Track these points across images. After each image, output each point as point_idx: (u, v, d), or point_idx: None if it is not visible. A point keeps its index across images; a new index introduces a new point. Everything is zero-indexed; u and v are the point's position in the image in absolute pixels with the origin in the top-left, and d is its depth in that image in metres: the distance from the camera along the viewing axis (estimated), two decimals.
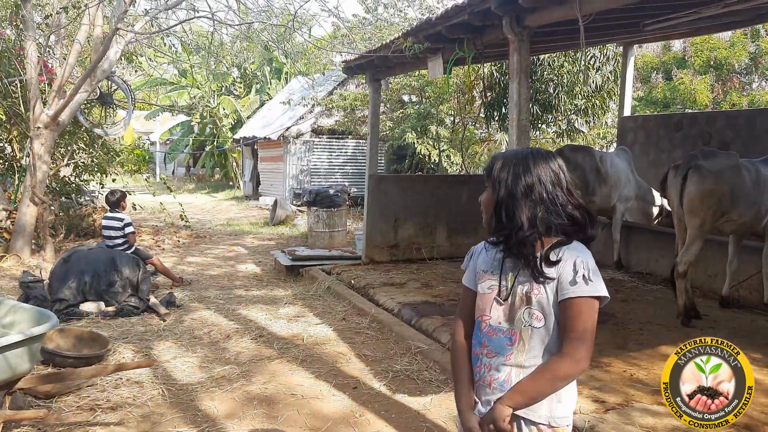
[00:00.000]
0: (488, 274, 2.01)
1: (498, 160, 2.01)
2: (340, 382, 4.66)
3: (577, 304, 1.84)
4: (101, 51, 9.08)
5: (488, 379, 1.97)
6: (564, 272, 1.86)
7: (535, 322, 1.90)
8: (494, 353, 1.95)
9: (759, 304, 6.22)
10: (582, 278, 1.84)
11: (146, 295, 6.79)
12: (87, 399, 4.26)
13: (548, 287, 1.88)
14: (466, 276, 2.14)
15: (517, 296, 1.92)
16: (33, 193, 9.45)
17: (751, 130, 8.33)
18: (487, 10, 5.41)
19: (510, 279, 1.96)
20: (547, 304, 1.89)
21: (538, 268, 1.88)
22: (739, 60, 19.03)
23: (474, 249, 2.15)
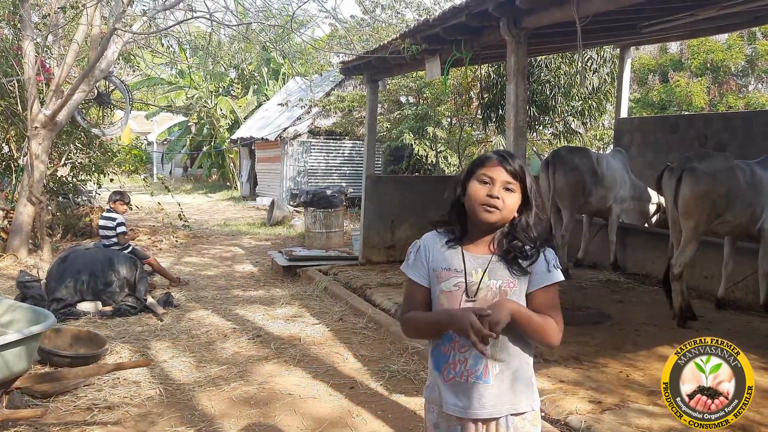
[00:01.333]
0: (451, 272, 2.04)
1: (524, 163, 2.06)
2: (337, 383, 4.67)
3: (553, 289, 2.03)
4: (99, 51, 9.07)
5: (465, 374, 2.01)
6: (539, 265, 2.02)
7: None
8: (468, 346, 1.96)
9: (755, 305, 6.24)
10: (553, 267, 2.03)
11: (143, 294, 6.78)
12: (84, 398, 4.26)
13: (522, 281, 2.01)
14: (414, 272, 2.13)
15: (489, 291, 2.00)
16: (30, 192, 9.44)
17: (748, 133, 8.37)
18: (484, 12, 5.42)
19: (477, 274, 2.01)
20: (522, 297, 2.01)
21: (520, 266, 2.00)
22: (735, 62, 19.09)
23: (420, 245, 2.16)
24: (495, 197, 1.98)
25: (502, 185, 1.99)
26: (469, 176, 2.06)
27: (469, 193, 2.03)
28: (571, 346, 5.01)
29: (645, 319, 6.00)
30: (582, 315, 6.13)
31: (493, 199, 1.98)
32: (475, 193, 2.01)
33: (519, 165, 2.02)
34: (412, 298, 2.14)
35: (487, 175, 2.01)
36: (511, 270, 2.00)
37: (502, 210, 1.98)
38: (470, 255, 2.05)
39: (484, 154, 2.11)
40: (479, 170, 2.04)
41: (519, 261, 2.00)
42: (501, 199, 1.98)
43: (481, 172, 2.03)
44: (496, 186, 1.99)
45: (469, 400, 2.01)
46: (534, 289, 2.02)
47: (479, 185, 2.01)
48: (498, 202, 1.97)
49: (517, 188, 2.01)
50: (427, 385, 2.17)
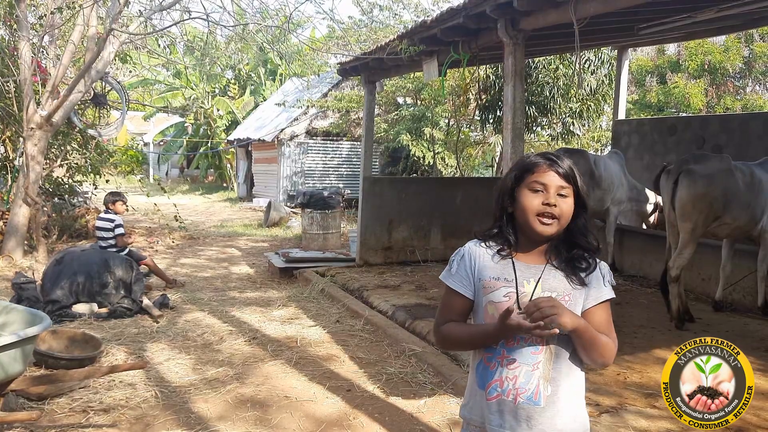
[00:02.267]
0: (500, 282, 1.90)
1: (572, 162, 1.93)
2: (334, 385, 4.65)
3: (608, 305, 1.93)
4: (95, 52, 9.05)
5: (512, 393, 1.86)
6: (595, 278, 1.91)
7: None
8: (518, 363, 1.86)
9: (752, 307, 6.24)
10: (608, 282, 1.93)
11: (139, 296, 6.76)
12: (80, 401, 4.24)
13: (580, 293, 1.89)
14: (456, 281, 1.98)
15: None
16: (26, 193, 9.41)
17: (745, 134, 8.37)
18: (482, 14, 5.42)
19: (529, 285, 1.88)
20: (578, 309, 1.89)
21: (579, 275, 1.89)
22: (733, 64, 19.13)
23: (464, 253, 2.00)
24: (552, 205, 1.84)
25: (556, 191, 1.85)
26: (518, 184, 1.91)
27: (522, 204, 1.88)
28: None
29: (642, 321, 5.99)
30: None
31: (550, 207, 1.84)
32: (528, 204, 1.86)
33: (569, 166, 1.89)
34: (450, 309, 2.00)
35: (539, 182, 1.86)
36: (570, 280, 1.88)
37: (560, 219, 1.85)
38: (522, 264, 1.91)
39: (529, 159, 1.94)
40: (528, 177, 1.88)
41: (578, 271, 1.88)
42: (558, 207, 1.84)
43: (531, 180, 1.88)
44: (551, 193, 1.85)
45: (516, 421, 1.86)
46: (591, 305, 1.90)
47: (532, 194, 1.87)
48: (555, 211, 1.84)
49: (571, 192, 1.88)
50: (464, 404, 2.03)
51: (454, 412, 4.14)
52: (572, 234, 1.90)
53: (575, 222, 1.90)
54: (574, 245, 1.90)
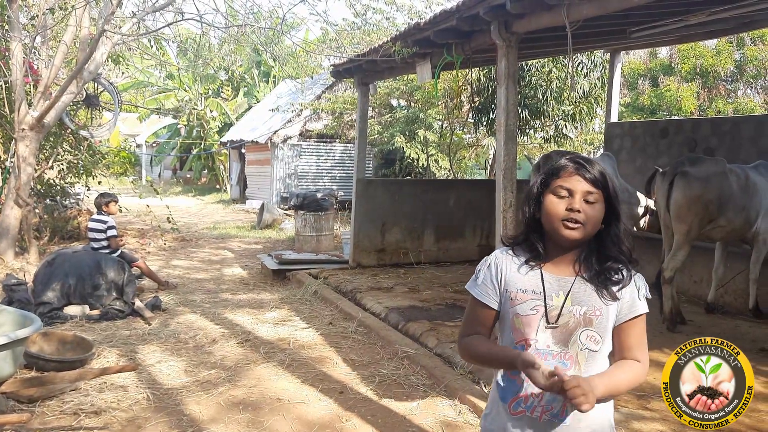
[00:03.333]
0: (528, 294, 1.84)
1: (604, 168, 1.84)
2: (327, 387, 4.64)
3: (642, 320, 1.85)
4: (87, 53, 9.01)
5: (538, 409, 1.81)
6: (629, 291, 1.83)
7: (592, 345, 1.81)
8: None
9: (743, 309, 6.27)
10: (643, 297, 1.85)
11: (131, 298, 6.73)
12: (71, 403, 4.21)
13: (611, 308, 1.82)
14: (482, 292, 1.92)
15: (572, 317, 1.80)
16: (17, 195, 9.36)
17: (736, 137, 8.41)
18: (475, 16, 5.42)
19: (558, 298, 1.82)
20: (610, 326, 1.83)
21: (611, 289, 1.82)
22: (724, 67, 19.24)
23: (491, 262, 1.93)
24: (576, 211, 1.77)
25: (582, 197, 1.78)
26: (544, 189, 1.84)
27: (546, 210, 1.81)
28: None
29: None
30: None
31: (574, 213, 1.77)
32: (553, 209, 1.80)
33: (599, 171, 1.80)
34: (475, 320, 1.95)
35: (564, 186, 1.80)
36: (601, 295, 1.80)
37: (585, 225, 1.77)
38: (551, 276, 1.84)
39: (557, 162, 1.87)
40: (554, 182, 1.82)
41: (609, 285, 1.80)
42: (583, 213, 1.77)
43: (557, 184, 1.81)
44: (576, 198, 1.78)
45: None
46: (623, 320, 1.83)
47: (556, 199, 1.80)
48: (580, 216, 1.77)
49: (600, 198, 1.79)
50: (486, 414, 1.98)
51: (447, 414, 4.14)
52: (603, 243, 1.83)
53: (607, 230, 1.83)
54: (607, 256, 1.83)
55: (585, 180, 1.79)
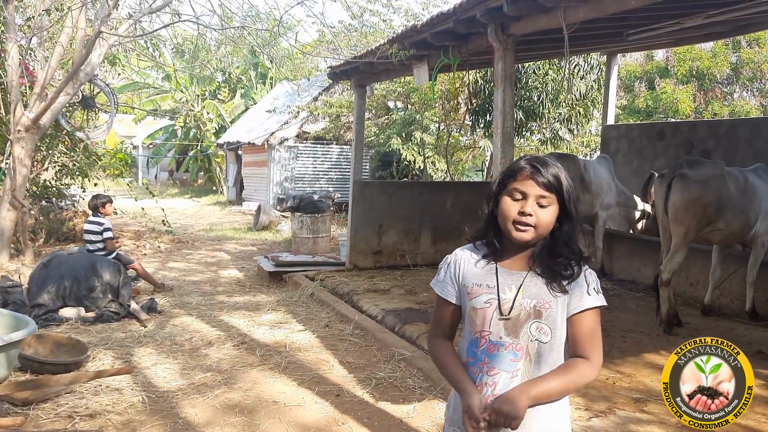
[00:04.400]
0: (482, 288, 1.92)
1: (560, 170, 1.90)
2: (323, 390, 4.63)
3: (594, 313, 1.90)
4: (84, 54, 8.99)
5: (491, 398, 1.88)
6: (578, 285, 1.89)
7: (542, 336, 1.87)
8: (497, 369, 1.88)
9: (740, 312, 6.27)
10: (593, 290, 1.90)
11: (127, 300, 6.70)
12: (65, 406, 4.19)
13: (560, 301, 1.88)
14: (443, 288, 2.02)
15: (522, 310, 1.88)
16: (13, 196, 9.32)
17: (732, 140, 8.44)
18: (472, 18, 5.43)
19: (511, 292, 1.89)
20: (560, 319, 1.89)
21: (560, 283, 1.88)
22: (720, 70, 19.30)
23: (450, 261, 2.03)
24: (528, 215, 1.84)
25: (535, 200, 1.85)
26: (501, 189, 1.92)
27: (501, 210, 1.89)
28: None
29: (631, 325, 6.00)
30: None
31: (525, 216, 1.84)
32: (506, 211, 1.88)
33: (553, 174, 1.86)
34: (440, 317, 2.04)
35: (518, 189, 1.87)
36: (551, 288, 1.88)
37: (536, 227, 1.85)
38: (505, 270, 1.93)
39: (515, 164, 1.94)
40: (510, 183, 1.89)
41: (560, 279, 1.88)
42: (534, 216, 1.84)
43: (512, 186, 1.88)
44: (529, 202, 1.85)
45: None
46: (574, 312, 1.89)
47: (511, 201, 1.88)
48: (531, 220, 1.84)
49: (553, 200, 1.86)
50: (448, 405, 2.07)
51: (444, 417, 4.13)
52: (556, 242, 1.90)
53: (559, 230, 1.90)
54: (558, 254, 1.89)
55: (538, 184, 1.85)
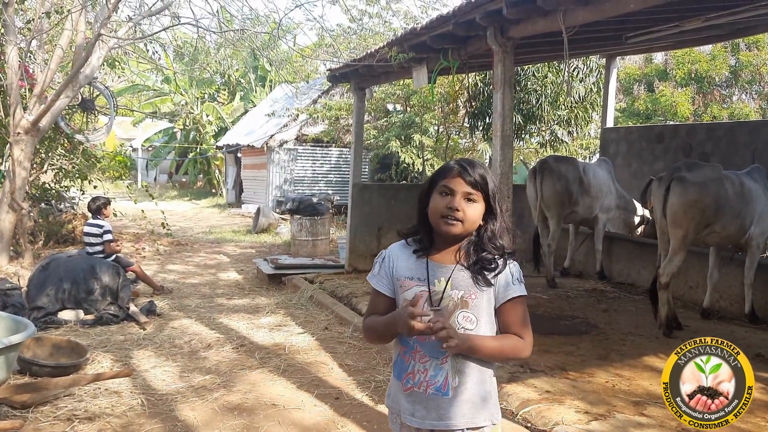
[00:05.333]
0: (414, 281, 2.04)
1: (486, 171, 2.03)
2: (322, 393, 4.63)
3: (520, 301, 2.04)
4: (83, 57, 9.00)
5: (424, 384, 2.00)
6: (503, 277, 2.02)
7: (468, 324, 1.99)
8: (428, 357, 1.99)
9: (739, 315, 6.27)
10: (518, 281, 2.03)
11: (126, 303, 6.70)
12: (64, 409, 4.18)
13: (486, 293, 2.01)
14: (378, 281, 2.12)
15: (451, 300, 1.99)
16: (12, 199, 9.32)
17: (731, 143, 8.44)
18: (471, 21, 5.43)
19: (440, 284, 2.00)
20: (485, 309, 2.01)
21: (485, 276, 2.00)
22: (719, 73, 19.32)
23: (385, 255, 2.15)
24: (455, 209, 1.97)
25: (462, 196, 1.98)
26: (432, 187, 2.04)
27: (431, 206, 2.02)
28: (557, 356, 5.00)
29: (631, 328, 6.00)
30: (568, 324, 6.12)
31: (453, 211, 1.97)
32: (435, 206, 2.01)
33: (480, 174, 1.99)
34: (374, 306, 2.15)
35: (447, 186, 1.99)
36: (476, 280, 2.00)
37: (463, 222, 1.98)
38: (435, 264, 2.04)
39: (446, 164, 2.08)
40: (440, 181, 2.02)
41: (484, 272, 2.00)
42: (462, 211, 1.97)
43: (441, 184, 2.01)
44: (457, 197, 1.98)
45: (426, 411, 2.00)
46: (501, 302, 2.02)
47: (440, 197, 2.00)
48: (458, 214, 1.97)
49: (480, 198, 2.00)
50: (388, 393, 2.17)
51: None
52: (480, 239, 2.02)
53: (485, 228, 2.02)
54: (483, 249, 2.01)
55: (465, 182, 1.98)
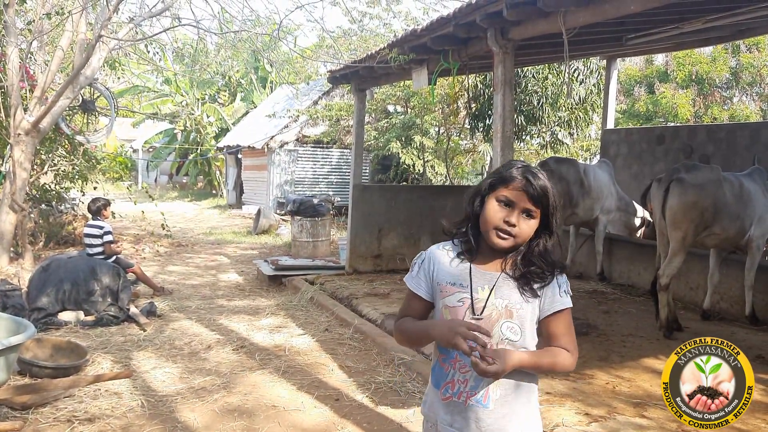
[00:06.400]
0: (456, 287, 1.94)
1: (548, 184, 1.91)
2: (322, 394, 4.62)
3: (566, 314, 1.95)
4: (84, 58, 9.00)
5: (463, 395, 1.92)
6: (550, 289, 1.93)
7: (512, 335, 1.90)
8: (469, 367, 1.87)
9: (739, 316, 6.27)
10: (565, 293, 1.95)
11: (126, 304, 6.70)
12: (64, 410, 4.18)
13: (531, 304, 1.92)
14: (416, 284, 2.03)
15: (494, 310, 1.90)
16: (12, 200, 9.32)
17: (732, 144, 8.44)
18: (471, 23, 5.43)
19: (483, 292, 1.91)
20: (529, 319, 1.92)
21: (532, 287, 1.91)
22: (720, 75, 19.32)
23: (425, 257, 2.05)
24: (512, 225, 1.86)
25: (521, 212, 1.87)
26: (490, 191, 1.91)
27: (485, 214, 1.90)
28: None
29: (631, 330, 6.00)
30: None
31: (509, 226, 1.86)
32: (491, 215, 1.88)
33: (542, 188, 1.86)
34: (409, 308, 2.07)
35: (507, 197, 1.87)
36: (522, 291, 1.90)
37: (516, 237, 1.87)
38: (479, 271, 1.94)
39: (509, 170, 1.92)
40: (501, 189, 1.89)
41: (532, 283, 1.90)
42: (517, 227, 1.86)
43: (502, 192, 1.88)
44: (515, 212, 1.86)
45: (465, 422, 1.92)
46: (546, 314, 1.93)
47: (497, 207, 1.88)
48: (513, 230, 1.86)
49: (538, 214, 1.88)
50: (424, 401, 2.08)
51: None
52: (531, 252, 1.91)
53: (536, 241, 1.91)
54: (532, 262, 1.91)
55: (528, 197, 1.86)
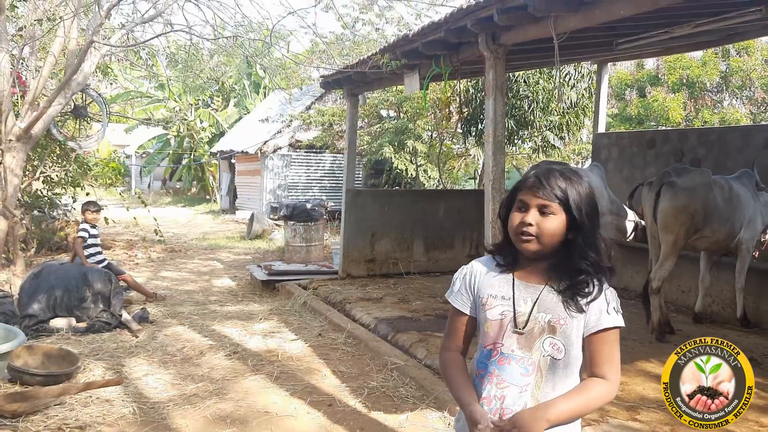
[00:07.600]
0: (498, 299, 1.89)
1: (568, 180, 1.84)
2: (315, 400, 4.61)
3: (613, 333, 1.86)
4: (76, 64, 8.97)
5: (499, 412, 1.84)
6: (597, 305, 1.84)
7: (556, 353, 1.83)
8: (507, 383, 1.84)
9: (731, 319, 6.30)
10: (614, 310, 1.86)
11: (118, 310, 6.67)
12: (55, 418, 4.16)
13: (576, 320, 1.84)
14: (458, 299, 1.99)
15: (537, 324, 1.84)
16: (3, 206, 9.27)
17: (723, 147, 8.47)
18: (463, 28, 5.45)
19: (526, 305, 1.85)
20: (574, 336, 1.85)
21: (578, 302, 1.83)
22: (710, 78, 19.40)
23: (466, 271, 2.00)
24: (527, 224, 1.81)
25: (536, 210, 1.82)
26: (512, 201, 1.90)
27: (509, 221, 1.88)
28: None
29: (623, 333, 5.95)
30: None
31: (525, 226, 1.82)
32: (511, 222, 1.87)
33: (556, 184, 1.81)
34: (453, 329, 2.01)
35: (522, 200, 1.85)
36: (567, 305, 1.83)
37: (538, 237, 1.81)
38: (521, 283, 1.89)
39: (525, 175, 1.90)
40: (517, 195, 1.87)
41: (577, 297, 1.82)
42: (535, 225, 1.81)
43: (518, 197, 1.86)
44: (530, 213, 1.82)
45: None
46: (591, 332, 1.84)
47: (516, 212, 1.86)
48: (532, 230, 1.81)
49: (559, 210, 1.81)
50: (457, 417, 2.02)
51: (437, 427, 4.12)
52: (571, 255, 1.83)
53: (573, 242, 1.83)
54: (576, 268, 1.83)
55: (539, 194, 1.81)
